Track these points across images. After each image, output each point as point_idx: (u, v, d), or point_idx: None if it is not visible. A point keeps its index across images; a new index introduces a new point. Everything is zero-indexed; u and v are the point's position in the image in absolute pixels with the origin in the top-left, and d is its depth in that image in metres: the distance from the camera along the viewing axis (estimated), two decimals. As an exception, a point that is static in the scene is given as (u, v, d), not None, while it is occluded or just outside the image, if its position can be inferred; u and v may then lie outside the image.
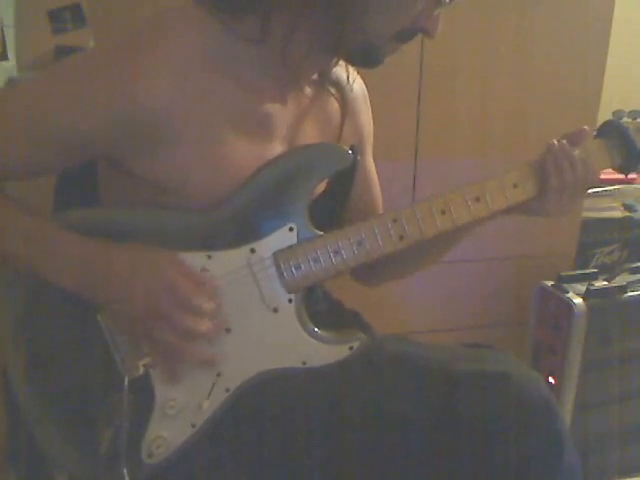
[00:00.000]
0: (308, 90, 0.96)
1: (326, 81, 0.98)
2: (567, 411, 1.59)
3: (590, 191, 1.91)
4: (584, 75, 1.67)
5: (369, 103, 1.09)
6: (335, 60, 0.95)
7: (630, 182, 1.98)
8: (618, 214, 1.86)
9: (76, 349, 0.89)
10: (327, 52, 0.90)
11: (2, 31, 1.45)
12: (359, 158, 0.97)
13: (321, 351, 0.91)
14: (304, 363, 0.90)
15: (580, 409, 1.61)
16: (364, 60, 0.90)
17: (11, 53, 1.48)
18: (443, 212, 0.91)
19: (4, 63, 1.47)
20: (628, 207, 1.88)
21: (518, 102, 1.65)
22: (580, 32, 1.65)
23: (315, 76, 0.97)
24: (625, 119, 0.99)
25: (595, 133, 1.00)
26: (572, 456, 0.92)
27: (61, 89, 0.84)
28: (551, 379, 1.61)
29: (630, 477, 1.66)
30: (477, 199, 0.92)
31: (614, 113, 1.00)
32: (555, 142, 0.94)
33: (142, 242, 0.84)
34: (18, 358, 0.90)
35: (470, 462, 0.91)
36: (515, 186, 0.94)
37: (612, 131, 0.98)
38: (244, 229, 0.87)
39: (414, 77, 1.55)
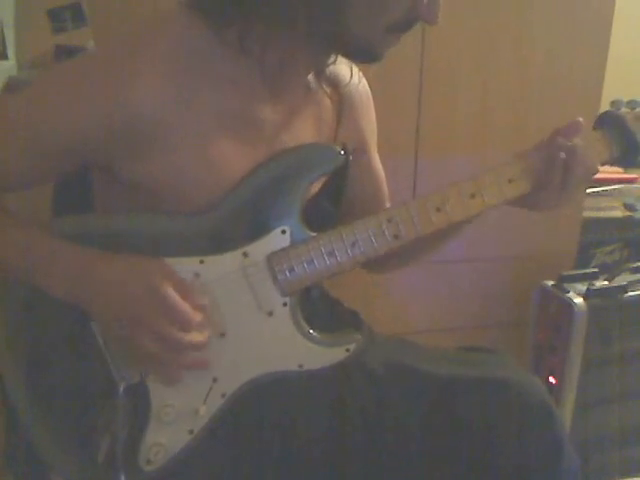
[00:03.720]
0: (302, 90, 0.95)
1: (322, 81, 0.97)
2: (567, 411, 1.59)
3: (590, 191, 1.91)
4: (585, 71, 1.67)
5: (372, 103, 1.07)
6: (331, 58, 0.93)
7: (630, 182, 1.98)
8: (618, 214, 1.86)
9: (72, 356, 0.88)
10: (314, 54, 0.89)
11: (2, 31, 1.45)
12: (351, 158, 0.96)
13: (317, 353, 0.90)
14: (300, 366, 0.90)
15: (580, 409, 1.61)
16: (362, 56, 0.88)
17: (11, 52, 1.48)
18: (438, 209, 0.89)
19: (4, 62, 1.46)
20: (628, 207, 1.88)
21: (519, 99, 1.65)
22: (581, 27, 1.65)
23: (311, 76, 0.96)
24: (623, 109, 0.96)
25: (593, 124, 0.96)
26: (571, 461, 0.92)
27: (54, 97, 0.84)
28: (551, 379, 1.61)
29: (630, 477, 1.66)
30: (472, 195, 0.90)
31: (612, 103, 0.97)
32: (547, 139, 0.92)
33: (135, 248, 0.84)
34: (14, 366, 0.89)
35: (470, 467, 0.91)
36: (510, 181, 0.91)
37: (610, 122, 0.96)
38: (236, 233, 0.87)
39: (415, 75, 1.55)
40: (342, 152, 0.90)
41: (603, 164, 0.96)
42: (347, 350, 0.90)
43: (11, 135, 0.86)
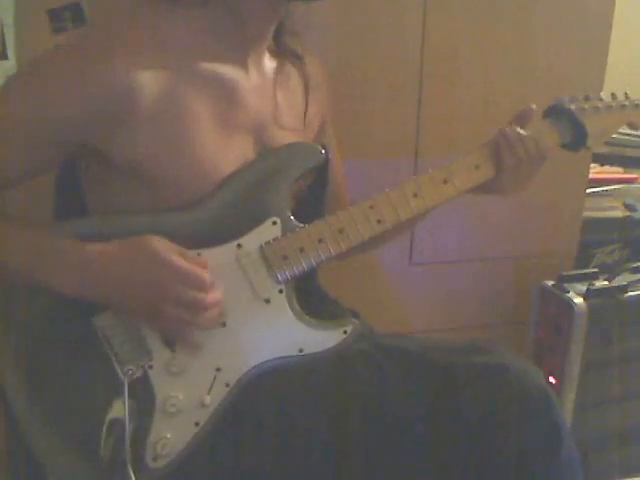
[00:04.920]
0: (269, 61, 0.99)
1: (285, 51, 1.01)
2: (567, 411, 1.59)
3: (590, 191, 1.91)
4: (585, 71, 1.67)
5: (327, 82, 1.12)
6: (284, 13, 0.96)
7: (630, 182, 1.98)
8: (619, 214, 1.86)
9: (74, 355, 0.89)
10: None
11: (2, 31, 1.45)
12: (330, 157, 1.01)
13: (316, 337, 0.93)
14: (301, 350, 0.93)
15: (580, 409, 1.60)
16: None
17: (11, 52, 1.47)
18: (415, 195, 0.98)
19: (4, 63, 1.46)
20: (629, 207, 1.88)
21: (519, 100, 1.63)
22: (581, 29, 1.64)
23: (273, 46, 1.00)
24: (567, 103, 1.09)
25: (542, 114, 1.10)
26: (570, 447, 0.93)
27: (36, 88, 0.86)
28: (551, 379, 1.61)
29: (630, 477, 1.66)
30: (445, 181, 1.00)
31: (556, 98, 1.10)
32: (507, 127, 1.03)
33: None
34: (15, 367, 0.89)
35: (469, 454, 0.91)
36: (477, 167, 1.02)
37: (558, 112, 1.09)
38: (229, 226, 0.90)
39: (414, 75, 1.55)
40: (322, 151, 0.95)
41: (559, 147, 1.10)
42: (345, 332, 0.94)
43: (4, 126, 0.87)
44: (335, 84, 1.17)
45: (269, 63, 1.00)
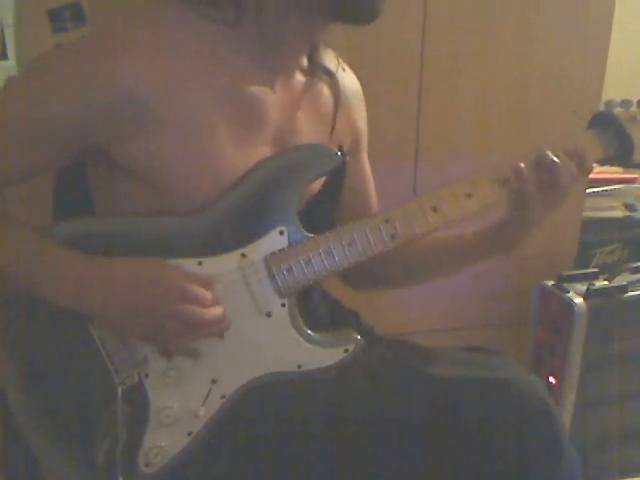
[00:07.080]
0: (299, 77, 0.95)
1: (317, 68, 0.97)
2: (567, 411, 1.59)
3: (590, 191, 1.91)
4: (585, 71, 1.67)
5: (363, 100, 1.08)
6: (325, 28, 0.92)
7: (630, 182, 1.98)
8: (619, 214, 1.86)
9: (71, 361, 0.88)
10: (309, 20, 0.88)
11: (2, 31, 1.45)
12: (348, 159, 0.97)
13: (316, 354, 0.90)
14: (299, 367, 0.90)
15: (580, 409, 1.60)
16: (363, 14, 0.86)
17: (11, 52, 1.47)
18: (434, 209, 0.91)
19: (4, 63, 1.46)
20: (629, 207, 1.88)
21: (519, 100, 1.65)
22: (581, 27, 1.64)
23: (305, 63, 0.96)
24: (617, 109, 0.97)
25: (588, 124, 0.97)
26: (572, 461, 0.92)
27: (45, 83, 0.84)
28: (551, 379, 1.61)
29: (630, 477, 1.66)
30: (469, 196, 0.91)
31: (606, 103, 0.98)
32: (518, 166, 0.91)
33: (133, 251, 0.84)
34: (14, 371, 0.89)
35: (470, 468, 0.90)
36: (504, 183, 0.92)
37: (604, 122, 0.97)
38: (234, 234, 0.87)
39: (415, 76, 1.55)
40: (339, 153, 0.90)
41: (598, 163, 0.97)
42: (346, 351, 0.91)
43: (8, 125, 0.86)
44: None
45: (299, 79, 0.95)
